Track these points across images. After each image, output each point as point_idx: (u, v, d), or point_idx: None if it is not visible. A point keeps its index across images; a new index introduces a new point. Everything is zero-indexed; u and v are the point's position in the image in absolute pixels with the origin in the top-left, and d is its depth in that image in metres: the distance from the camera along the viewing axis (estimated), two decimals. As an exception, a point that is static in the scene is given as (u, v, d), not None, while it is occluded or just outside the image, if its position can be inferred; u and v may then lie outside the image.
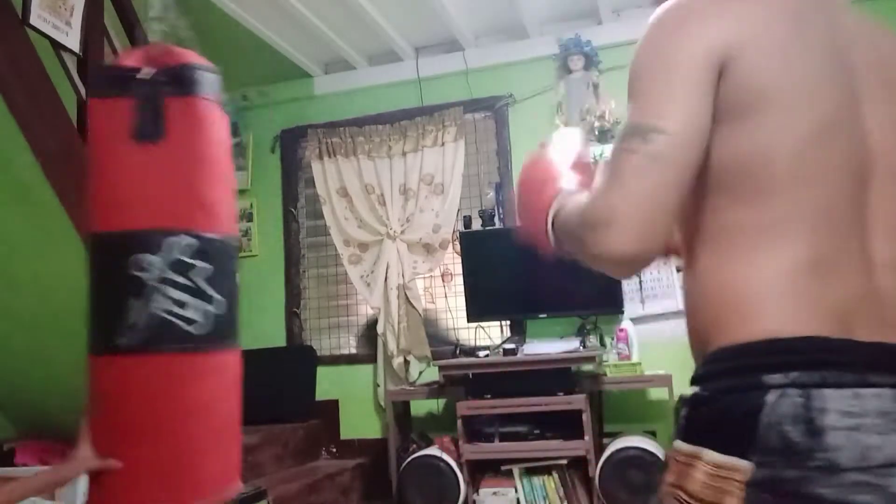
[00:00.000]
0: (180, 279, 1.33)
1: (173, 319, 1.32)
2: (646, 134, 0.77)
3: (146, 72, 1.32)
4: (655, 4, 0.85)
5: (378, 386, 3.99)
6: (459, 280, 3.75)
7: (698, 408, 0.80)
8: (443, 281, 4.10)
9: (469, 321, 3.74)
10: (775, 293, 0.78)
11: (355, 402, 4.04)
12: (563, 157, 1.01)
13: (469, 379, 3.41)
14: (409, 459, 3.36)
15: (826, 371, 0.74)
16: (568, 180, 0.94)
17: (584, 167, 0.98)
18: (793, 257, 0.78)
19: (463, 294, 3.68)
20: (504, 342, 3.57)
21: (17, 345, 2.40)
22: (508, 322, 3.85)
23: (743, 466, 0.73)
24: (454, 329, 4.03)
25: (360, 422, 4.02)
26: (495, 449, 3.28)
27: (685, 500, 0.77)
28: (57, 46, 2.21)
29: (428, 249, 3.98)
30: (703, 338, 0.83)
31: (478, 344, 3.81)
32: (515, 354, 3.35)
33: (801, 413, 0.73)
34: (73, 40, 2.25)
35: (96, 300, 1.35)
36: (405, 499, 3.33)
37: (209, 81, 1.37)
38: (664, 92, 0.78)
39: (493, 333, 3.86)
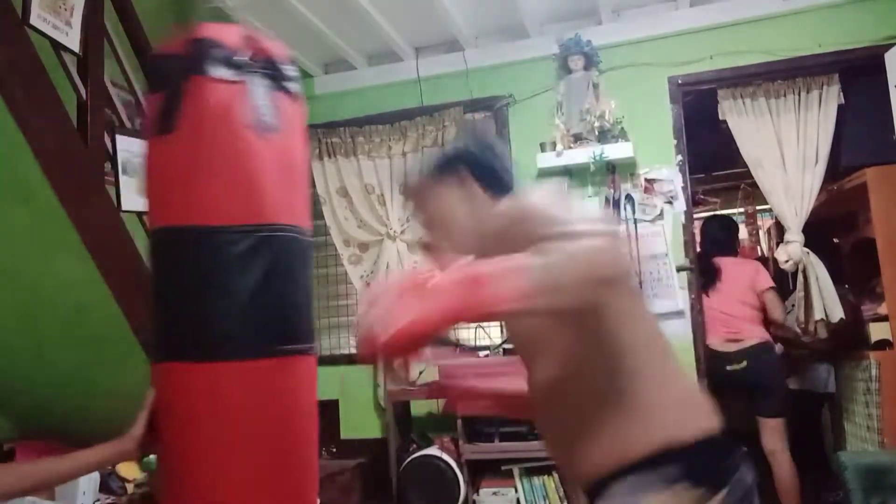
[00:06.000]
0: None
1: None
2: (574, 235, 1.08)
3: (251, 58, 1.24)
4: None
5: (378, 386, 3.99)
6: (459, 280, 3.75)
7: None
8: (443, 281, 4.09)
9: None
10: None
11: (355, 402, 4.04)
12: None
13: (469, 379, 3.41)
14: (409, 459, 3.36)
15: None
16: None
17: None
18: None
19: (463, 294, 3.68)
20: (504, 342, 3.57)
21: (18, 345, 2.40)
22: (508, 322, 3.85)
23: None
24: (454, 329, 4.03)
25: (360, 422, 4.02)
26: (495, 449, 3.28)
27: None
28: (57, 46, 2.21)
29: (428, 249, 3.98)
30: None
31: (478, 344, 3.80)
32: (516, 354, 3.35)
33: None
34: (73, 40, 2.25)
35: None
36: (405, 499, 3.33)
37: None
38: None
39: (493, 333, 3.86)
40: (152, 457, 2.44)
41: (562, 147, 3.63)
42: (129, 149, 2.49)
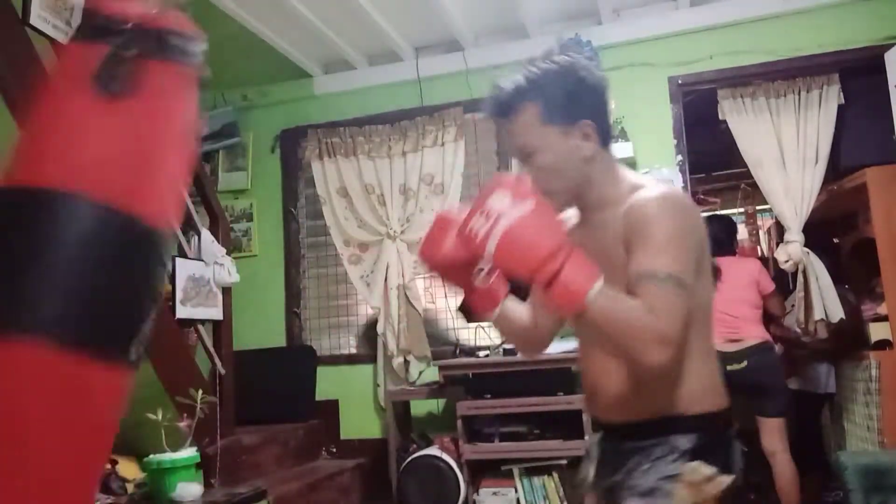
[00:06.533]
0: None
1: None
2: (681, 283, 1.13)
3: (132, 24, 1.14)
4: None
5: (378, 386, 3.99)
6: (459, 280, 3.75)
7: None
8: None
9: (469, 321, 3.74)
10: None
11: (355, 402, 4.04)
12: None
13: (469, 379, 3.41)
14: (409, 459, 3.36)
15: None
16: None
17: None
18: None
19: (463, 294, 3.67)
20: (504, 342, 3.57)
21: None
22: (508, 322, 3.84)
23: None
24: (454, 329, 4.03)
25: (360, 422, 4.02)
26: (495, 449, 3.28)
27: None
28: (57, 46, 2.22)
29: (428, 249, 3.98)
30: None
31: (478, 344, 3.80)
32: (515, 354, 3.35)
33: None
34: (73, 40, 2.25)
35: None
36: (405, 499, 3.33)
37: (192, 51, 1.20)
38: (688, 258, 1.17)
39: (493, 333, 3.85)
40: (153, 457, 2.44)
41: (562, 147, 3.63)
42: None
